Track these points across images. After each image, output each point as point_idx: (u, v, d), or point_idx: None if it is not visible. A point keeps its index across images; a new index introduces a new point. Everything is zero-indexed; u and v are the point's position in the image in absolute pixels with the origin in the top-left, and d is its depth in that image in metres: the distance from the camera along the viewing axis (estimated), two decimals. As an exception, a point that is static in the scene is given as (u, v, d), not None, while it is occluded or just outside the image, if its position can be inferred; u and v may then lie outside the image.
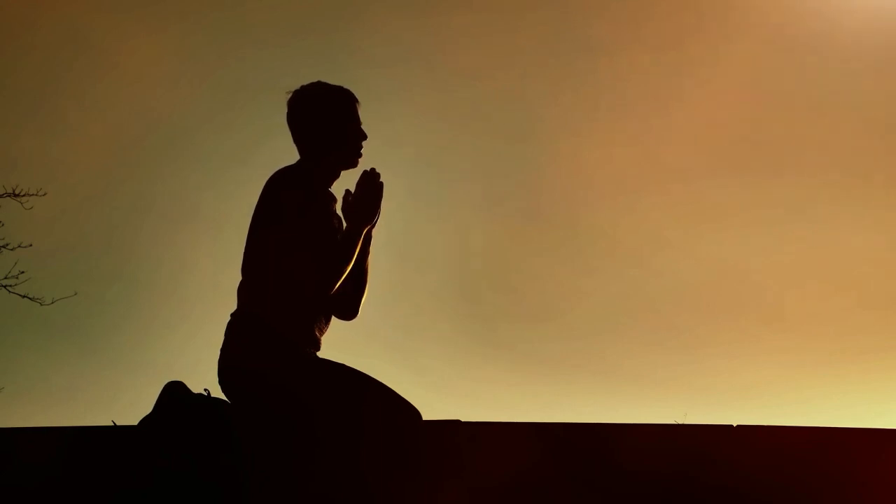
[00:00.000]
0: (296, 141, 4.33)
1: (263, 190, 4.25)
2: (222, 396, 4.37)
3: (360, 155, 4.33)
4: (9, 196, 15.91)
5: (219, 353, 4.26)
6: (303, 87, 4.35)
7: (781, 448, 4.25)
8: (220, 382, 4.21)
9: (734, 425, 4.27)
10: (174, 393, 4.35)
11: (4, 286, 15.85)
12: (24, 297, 15.90)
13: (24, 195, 15.89)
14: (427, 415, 4.45)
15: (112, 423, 4.44)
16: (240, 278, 4.28)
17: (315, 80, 4.39)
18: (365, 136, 4.35)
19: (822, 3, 13.74)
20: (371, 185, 4.23)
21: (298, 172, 4.23)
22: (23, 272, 15.90)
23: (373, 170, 4.26)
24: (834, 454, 4.25)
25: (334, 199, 4.38)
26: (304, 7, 14.93)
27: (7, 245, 15.99)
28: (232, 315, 4.27)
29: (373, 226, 4.29)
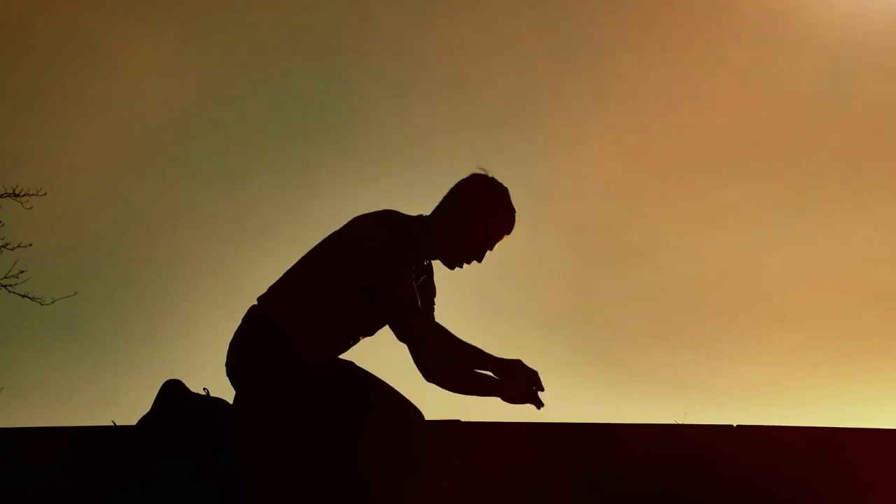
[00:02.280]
0: (441, 203, 4.29)
1: (371, 225, 4.17)
2: (221, 395, 4.37)
3: (461, 266, 4.29)
4: (9, 196, 15.90)
5: (229, 343, 4.26)
6: (491, 180, 4.29)
7: (781, 448, 4.25)
8: (227, 365, 4.21)
9: (734, 425, 4.27)
10: (172, 392, 4.35)
11: (4, 286, 15.84)
12: (24, 296, 15.88)
13: (24, 195, 15.87)
14: (427, 415, 4.45)
15: (112, 423, 4.44)
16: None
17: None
18: (480, 259, 4.30)
19: (822, 3, 13.72)
20: (529, 386, 4.19)
21: (410, 237, 4.17)
22: (23, 272, 15.88)
23: (537, 392, 4.22)
24: (834, 454, 4.25)
25: (424, 271, 4.34)
26: (305, 8, 14.92)
27: (7, 245, 15.98)
28: (260, 300, 4.24)
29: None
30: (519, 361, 4.26)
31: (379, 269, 4.04)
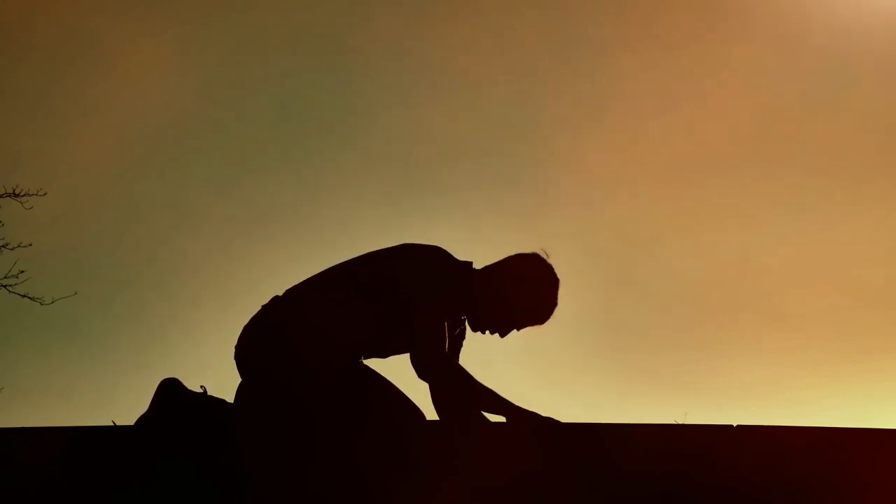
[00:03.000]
0: (493, 267, 4.26)
1: (420, 261, 4.14)
2: (220, 395, 4.36)
3: (483, 332, 4.28)
4: (9, 196, 15.90)
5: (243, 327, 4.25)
6: (548, 269, 4.27)
7: (781, 448, 4.25)
8: (238, 348, 4.21)
9: (734, 425, 4.27)
10: (170, 391, 4.35)
11: (4, 286, 15.84)
12: (24, 296, 15.89)
13: (24, 195, 15.87)
14: (429, 414, 4.45)
15: (112, 423, 4.44)
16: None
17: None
18: (503, 335, 4.29)
19: (822, 4, 13.73)
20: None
21: (454, 285, 4.13)
22: (23, 272, 15.88)
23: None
24: (834, 454, 4.25)
25: (458, 322, 4.32)
26: (305, 8, 14.92)
27: (7, 245, 15.98)
28: (287, 294, 4.22)
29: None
30: (542, 420, 4.25)
31: (416, 306, 4.02)
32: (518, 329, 4.30)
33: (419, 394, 4.40)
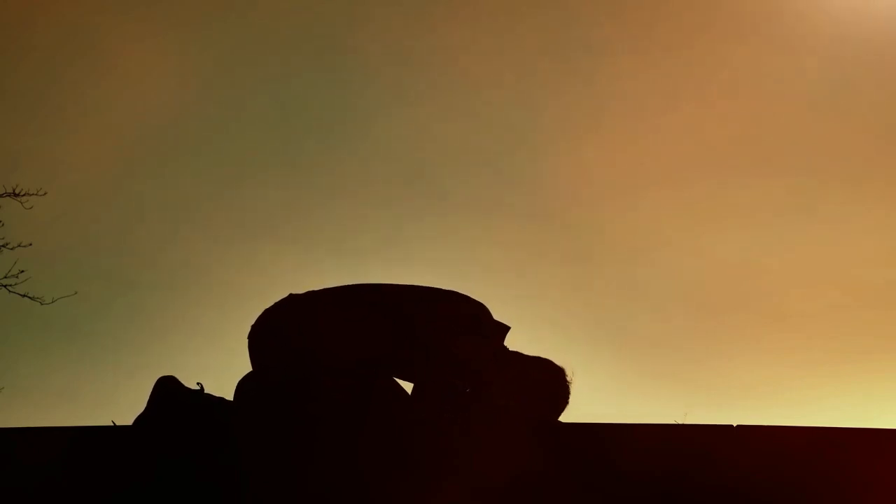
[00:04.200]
0: (527, 357, 4.38)
1: (460, 309, 4.25)
2: (220, 394, 4.37)
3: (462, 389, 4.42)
4: (9, 196, 15.88)
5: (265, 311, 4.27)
6: (564, 390, 4.45)
7: (781, 448, 4.25)
8: (254, 328, 4.25)
9: (734, 425, 4.27)
10: (169, 390, 4.36)
11: (4, 286, 15.83)
12: (24, 296, 15.84)
13: (24, 195, 15.84)
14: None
15: (112, 423, 4.45)
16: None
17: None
18: (472, 407, 4.43)
19: (822, 4, 13.74)
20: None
21: (479, 348, 4.26)
22: (23, 271, 15.84)
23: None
24: (834, 454, 4.25)
25: (467, 379, 4.43)
26: (305, 8, 14.93)
27: (7, 245, 15.96)
28: (321, 293, 4.27)
29: None
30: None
31: (434, 345, 4.09)
32: (496, 414, 4.40)
33: (419, 394, 4.39)
